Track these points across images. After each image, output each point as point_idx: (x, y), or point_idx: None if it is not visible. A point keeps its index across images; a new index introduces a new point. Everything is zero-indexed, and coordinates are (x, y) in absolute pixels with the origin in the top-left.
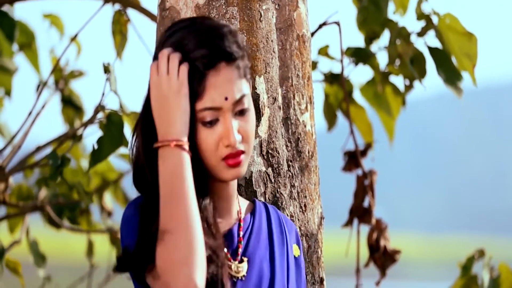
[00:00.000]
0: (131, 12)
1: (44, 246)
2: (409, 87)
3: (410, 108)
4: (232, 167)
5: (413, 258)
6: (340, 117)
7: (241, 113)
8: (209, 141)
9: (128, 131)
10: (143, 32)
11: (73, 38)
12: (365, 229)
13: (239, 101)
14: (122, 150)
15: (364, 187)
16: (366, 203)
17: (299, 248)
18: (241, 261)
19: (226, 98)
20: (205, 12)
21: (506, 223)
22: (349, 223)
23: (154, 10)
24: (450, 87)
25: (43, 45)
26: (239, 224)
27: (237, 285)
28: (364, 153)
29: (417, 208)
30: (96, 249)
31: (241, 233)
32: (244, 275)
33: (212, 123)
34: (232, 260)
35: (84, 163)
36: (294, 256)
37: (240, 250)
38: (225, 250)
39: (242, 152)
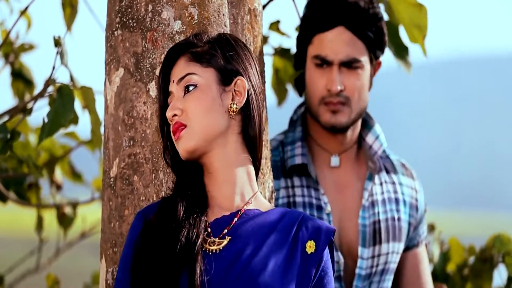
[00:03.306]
0: None
1: None
2: None
3: None
4: (176, 141)
5: None
6: (290, 91)
7: (188, 89)
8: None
9: (78, 105)
10: (94, 5)
11: (23, 11)
12: None
13: (183, 78)
14: (69, 128)
15: None
16: None
17: (317, 245)
18: (222, 238)
19: (173, 81)
20: None
21: (460, 197)
22: None
23: None
24: (399, 60)
25: None
26: (239, 212)
27: (209, 257)
28: None
29: None
30: (45, 224)
31: (236, 219)
32: (219, 249)
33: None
34: (212, 237)
35: (33, 138)
36: (306, 253)
37: (226, 231)
38: (208, 229)
39: (183, 125)
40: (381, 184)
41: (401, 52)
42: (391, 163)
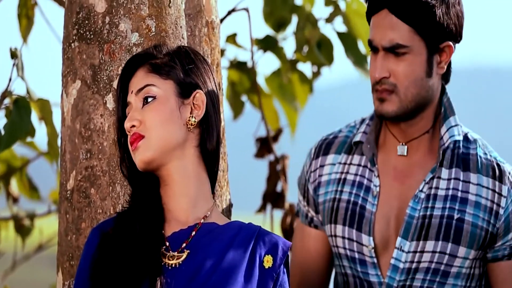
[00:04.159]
0: None
1: None
2: (316, 74)
3: (319, 94)
4: (133, 151)
5: None
6: (247, 104)
7: (146, 100)
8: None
9: (35, 117)
10: (51, 16)
11: None
12: (278, 214)
13: (142, 89)
14: (28, 137)
15: (276, 172)
16: (279, 188)
17: (275, 260)
18: (181, 252)
19: (131, 91)
20: None
21: None
22: (262, 208)
23: None
24: (358, 69)
25: None
26: (196, 226)
27: (169, 271)
28: (275, 138)
29: None
30: (2, 236)
31: (194, 233)
32: (179, 263)
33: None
34: (171, 251)
35: None
36: (264, 267)
37: (185, 245)
38: (167, 243)
39: (141, 136)
40: (449, 179)
41: (360, 61)
42: (476, 160)
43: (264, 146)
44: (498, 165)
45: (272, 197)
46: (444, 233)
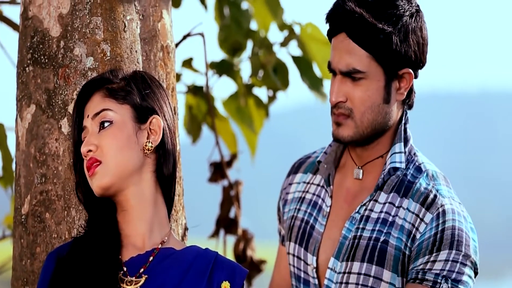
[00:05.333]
0: None
1: None
2: (272, 98)
3: (274, 119)
4: (89, 177)
5: None
6: (204, 128)
7: (103, 125)
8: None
9: None
10: (5, 40)
11: None
12: (231, 239)
13: (98, 114)
14: None
15: (230, 198)
16: (232, 214)
17: (232, 286)
18: (139, 277)
19: (87, 116)
20: (68, 22)
21: None
22: (215, 233)
23: (17, 19)
24: (314, 93)
25: None
26: (154, 251)
27: None
28: (229, 164)
29: None
30: None
31: (151, 258)
32: None
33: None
34: (129, 276)
35: None
36: None
37: (142, 270)
38: (124, 268)
39: (98, 162)
40: (384, 203)
41: (316, 85)
42: (414, 188)
43: (218, 171)
44: (435, 196)
45: (225, 223)
46: (369, 255)
